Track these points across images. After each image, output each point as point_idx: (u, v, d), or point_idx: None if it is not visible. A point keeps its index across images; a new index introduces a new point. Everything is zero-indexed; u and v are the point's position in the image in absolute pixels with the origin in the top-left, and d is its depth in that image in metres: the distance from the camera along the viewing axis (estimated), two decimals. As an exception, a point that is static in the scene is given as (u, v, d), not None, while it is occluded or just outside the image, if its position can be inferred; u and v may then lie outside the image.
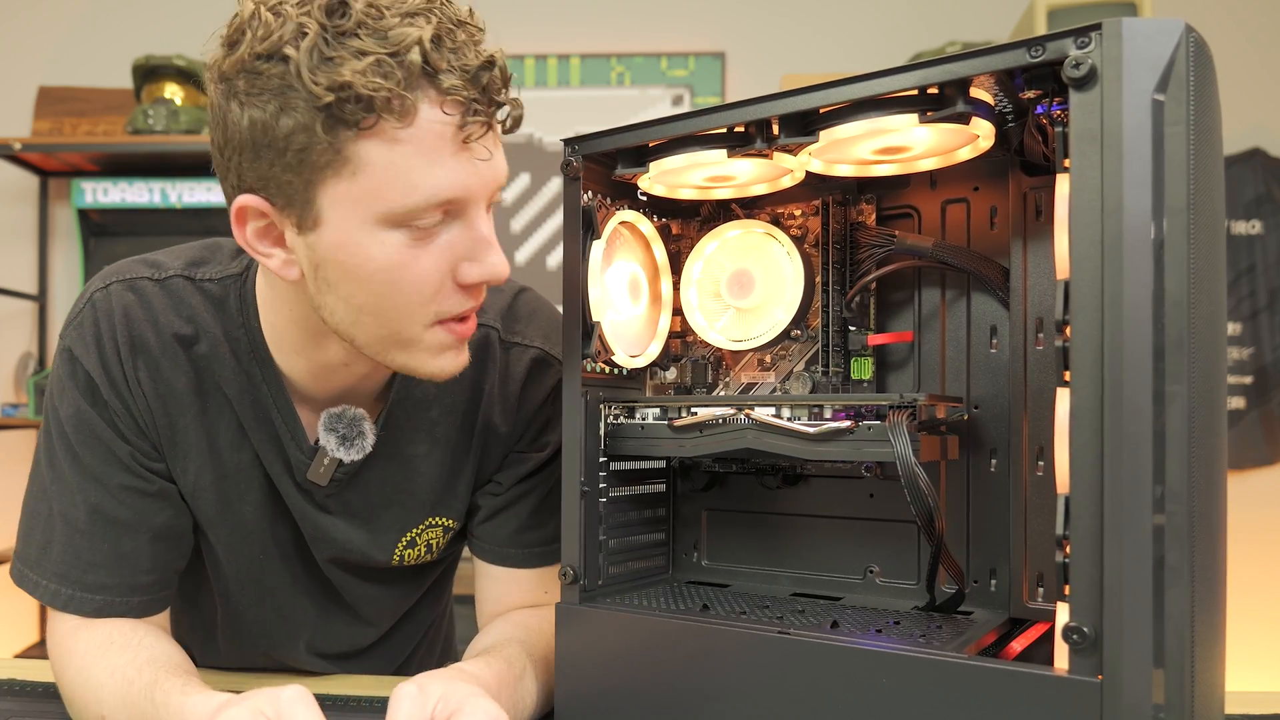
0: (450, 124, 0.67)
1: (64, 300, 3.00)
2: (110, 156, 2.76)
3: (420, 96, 0.65)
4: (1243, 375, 2.81)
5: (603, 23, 2.98)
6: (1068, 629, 0.57)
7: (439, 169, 0.67)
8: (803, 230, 0.86)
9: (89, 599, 0.83)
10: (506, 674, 0.79)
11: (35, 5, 3.05)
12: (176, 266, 0.86)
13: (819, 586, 0.87)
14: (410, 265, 0.70)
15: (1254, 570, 2.73)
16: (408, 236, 0.69)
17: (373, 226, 0.68)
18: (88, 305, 0.84)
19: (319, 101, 0.64)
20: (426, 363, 0.76)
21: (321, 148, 0.66)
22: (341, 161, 0.66)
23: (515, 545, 0.94)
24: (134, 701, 0.75)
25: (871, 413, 0.73)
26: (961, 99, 0.65)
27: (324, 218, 0.69)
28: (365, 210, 0.68)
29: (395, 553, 0.94)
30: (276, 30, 0.64)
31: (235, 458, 0.87)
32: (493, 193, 0.72)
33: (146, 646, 0.80)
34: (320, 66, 0.63)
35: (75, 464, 0.83)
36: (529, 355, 0.92)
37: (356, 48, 0.63)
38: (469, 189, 0.69)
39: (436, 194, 0.68)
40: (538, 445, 0.94)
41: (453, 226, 0.71)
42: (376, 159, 0.66)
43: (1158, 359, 0.56)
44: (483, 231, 0.72)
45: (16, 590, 0.85)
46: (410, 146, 0.66)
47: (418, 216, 0.68)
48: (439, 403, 0.90)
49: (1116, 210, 0.56)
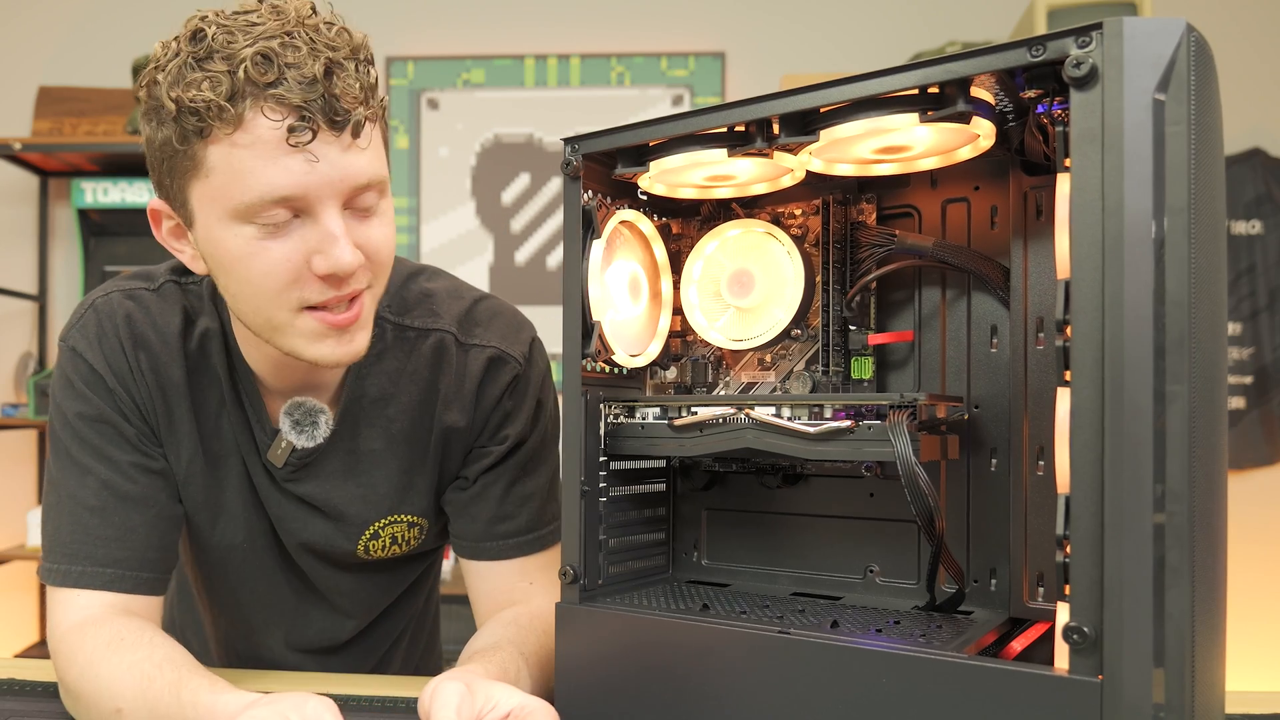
0: (279, 129, 0.73)
1: (64, 300, 3.00)
2: (110, 156, 2.76)
3: (249, 105, 0.73)
4: (1243, 375, 2.81)
5: (603, 23, 2.98)
6: (1068, 629, 0.57)
7: (271, 168, 0.74)
8: (803, 230, 0.86)
9: (100, 572, 0.87)
10: (503, 679, 0.80)
11: (35, 5, 3.05)
12: (165, 274, 0.94)
13: (819, 586, 0.87)
14: (260, 255, 0.77)
15: (1254, 570, 2.73)
16: (258, 230, 0.76)
17: (227, 221, 0.77)
18: (90, 309, 0.91)
19: (171, 114, 0.74)
20: (305, 348, 0.82)
21: (181, 155, 0.76)
22: (196, 165, 0.76)
23: (488, 538, 0.97)
24: (156, 696, 0.76)
25: (872, 412, 0.73)
26: (962, 98, 0.65)
27: (195, 216, 0.79)
28: (219, 207, 0.76)
29: (360, 543, 0.98)
30: (157, 58, 0.77)
31: (219, 444, 0.94)
32: (341, 193, 0.77)
33: (159, 645, 0.82)
34: (173, 86, 0.74)
35: (84, 448, 0.88)
36: (485, 354, 0.96)
37: (208, 68, 0.73)
38: (305, 187, 0.75)
39: (271, 191, 0.74)
40: (497, 439, 0.97)
41: (306, 223, 0.77)
42: (219, 161, 0.75)
43: (1158, 359, 0.56)
44: (329, 227, 0.77)
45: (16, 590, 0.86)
46: (245, 150, 0.74)
47: (259, 211, 0.75)
48: (395, 401, 0.95)
49: (1117, 210, 0.56)
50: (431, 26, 3.00)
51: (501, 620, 0.93)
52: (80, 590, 0.86)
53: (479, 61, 2.98)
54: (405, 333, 0.95)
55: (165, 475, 0.91)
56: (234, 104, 0.72)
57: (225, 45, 0.73)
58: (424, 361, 0.95)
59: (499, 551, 0.97)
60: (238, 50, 0.72)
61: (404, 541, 1.01)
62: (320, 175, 0.75)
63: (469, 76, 2.98)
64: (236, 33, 0.73)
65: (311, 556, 1.00)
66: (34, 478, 2.96)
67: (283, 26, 0.74)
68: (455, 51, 2.99)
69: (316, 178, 0.75)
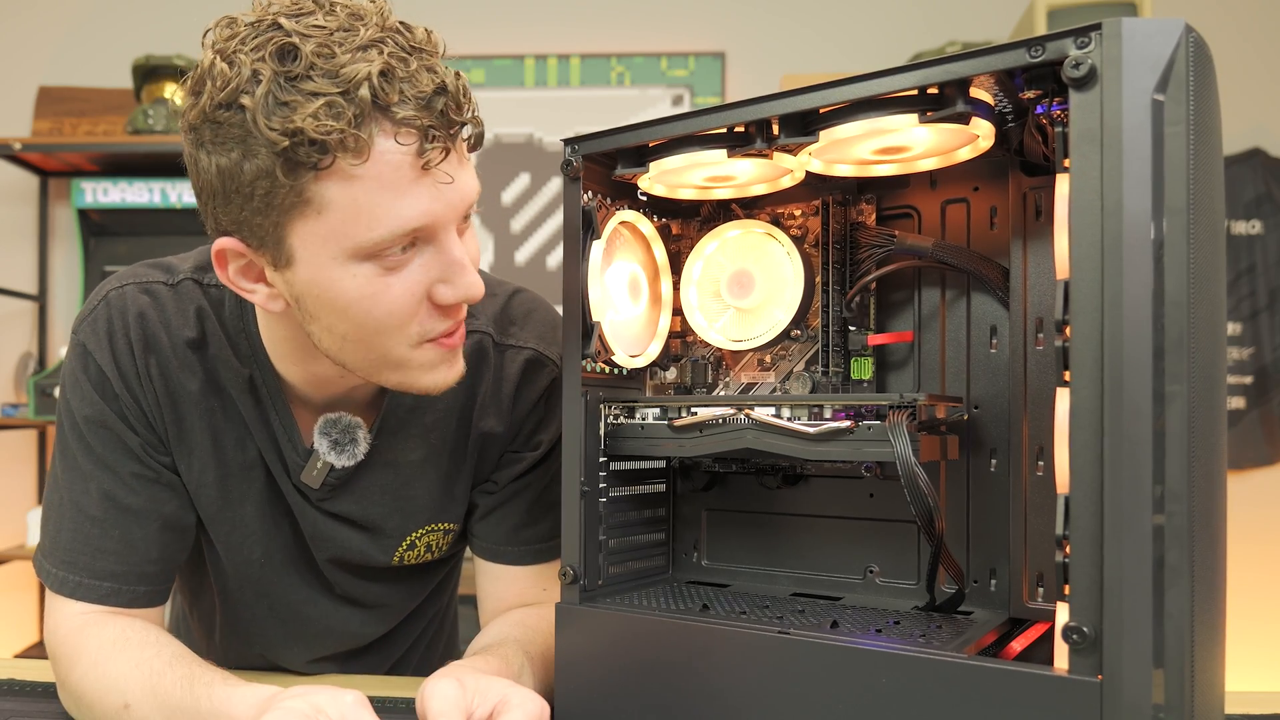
0: (408, 153, 0.67)
1: (64, 300, 3.00)
2: (110, 156, 2.76)
3: (375, 130, 0.66)
4: (1243, 375, 2.81)
5: (603, 23, 2.98)
6: (1068, 629, 0.57)
7: (401, 200, 0.68)
8: (803, 230, 0.86)
9: (96, 585, 0.84)
10: (504, 672, 0.79)
11: (35, 5, 3.05)
12: (186, 270, 0.88)
13: (819, 586, 0.87)
14: (383, 294, 0.71)
15: (1254, 570, 2.73)
16: (378, 267, 0.70)
17: (343, 261, 0.70)
18: (102, 303, 0.86)
19: (276, 147, 0.65)
20: (420, 379, 0.78)
21: (284, 191, 0.67)
22: (305, 202, 0.67)
23: (512, 543, 0.95)
24: (166, 692, 0.75)
25: (871, 413, 0.73)
26: (961, 99, 0.65)
27: (296, 256, 0.71)
28: (334, 247, 0.69)
29: (396, 554, 0.95)
30: (233, 79, 0.66)
31: (239, 456, 0.89)
32: (461, 214, 0.73)
33: (166, 644, 0.81)
34: (275, 112, 0.64)
35: (88, 454, 0.85)
36: (523, 356, 0.93)
37: (309, 90, 0.64)
38: (434, 215, 0.70)
39: (401, 225, 0.68)
40: (532, 444, 0.95)
41: (425, 251, 0.72)
42: (338, 197, 0.67)
43: (1158, 359, 0.56)
44: (455, 254, 0.72)
45: (16, 590, 0.86)
46: (370, 181, 0.67)
47: (385, 248, 0.69)
48: (433, 409, 0.91)
49: (1116, 210, 0.56)
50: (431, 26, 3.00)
51: (509, 619, 0.92)
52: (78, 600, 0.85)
53: (479, 61, 2.98)
54: None
55: (172, 485, 0.88)
56: (360, 129, 0.65)
57: (325, 59, 0.65)
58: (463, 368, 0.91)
59: (520, 557, 0.96)
60: (346, 66, 0.64)
61: (438, 548, 0.98)
62: (447, 199, 0.70)
63: (469, 76, 2.97)
64: (332, 46, 0.65)
65: (341, 569, 0.96)
66: (34, 478, 2.96)
67: (378, 34, 0.67)
68: (455, 51, 2.96)
69: (444, 203, 0.70)
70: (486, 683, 0.71)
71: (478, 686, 0.70)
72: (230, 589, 0.96)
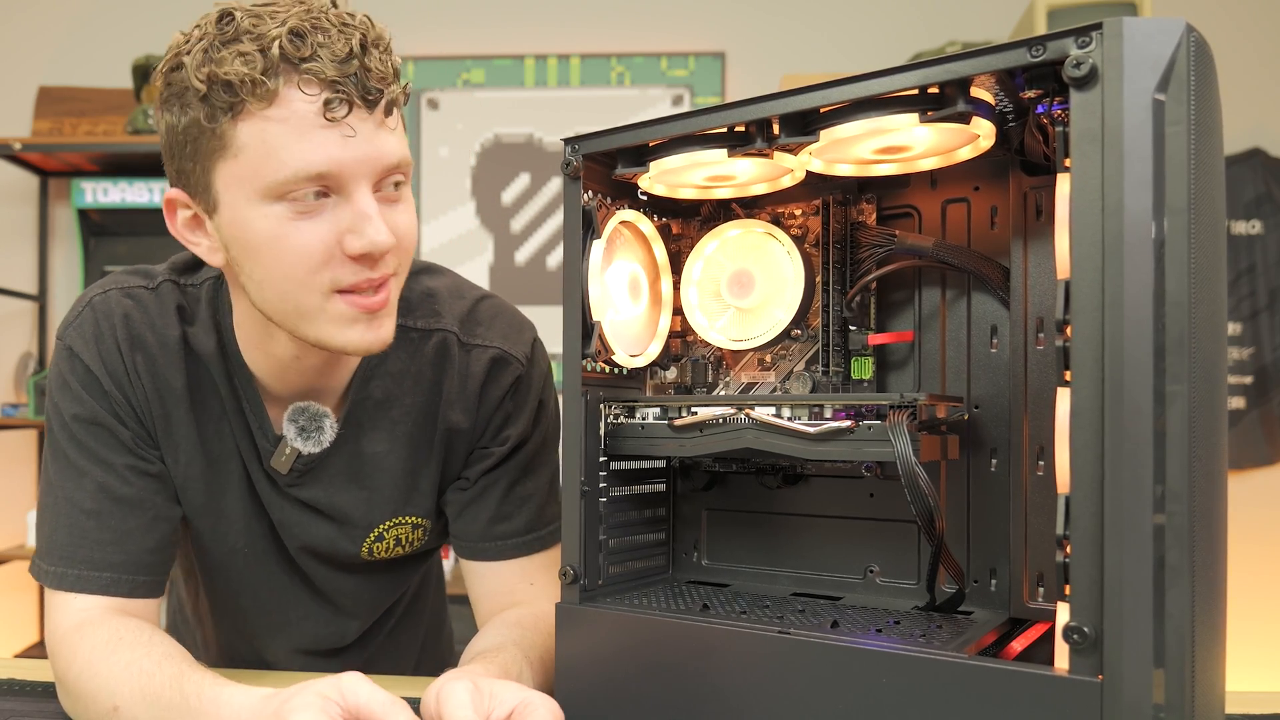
0: (314, 104, 0.73)
1: (64, 300, 3.00)
2: (110, 156, 2.76)
3: (283, 81, 0.73)
4: (1243, 375, 2.81)
5: (603, 23, 2.98)
6: (1068, 629, 0.57)
7: (305, 144, 0.74)
8: (803, 230, 0.86)
9: (96, 577, 0.86)
10: (504, 678, 0.79)
11: (35, 5, 3.05)
12: (164, 273, 0.93)
13: (819, 586, 0.87)
14: (292, 235, 0.76)
15: (1254, 570, 2.73)
16: (289, 210, 0.76)
17: (256, 201, 0.76)
18: (87, 308, 0.90)
19: (199, 93, 0.74)
20: (334, 335, 0.80)
21: (208, 136, 0.75)
22: (224, 145, 0.75)
23: (488, 538, 0.97)
24: (155, 692, 0.76)
25: (872, 412, 0.73)
26: (962, 98, 0.65)
27: (220, 199, 0.78)
28: (248, 187, 0.76)
29: (364, 545, 0.98)
30: (180, 45, 0.77)
31: (218, 447, 0.93)
32: (374, 171, 0.77)
33: (158, 644, 0.81)
34: (203, 66, 0.74)
35: (81, 450, 0.87)
36: (488, 355, 0.96)
37: (236, 49, 0.73)
38: (339, 163, 0.75)
39: (306, 167, 0.74)
40: (499, 440, 0.97)
41: (338, 203, 0.77)
42: (250, 139, 0.74)
43: (1158, 359, 0.56)
44: (363, 207, 0.77)
45: (16, 590, 0.86)
46: (278, 124, 0.74)
47: (291, 189, 0.75)
48: (399, 403, 0.95)
49: (1117, 210, 0.56)
50: (431, 26, 3.00)
51: (505, 621, 0.92)
52: (78, 594, 0.86)
53: (479, 61, 2.98)
54: (408, 333, 0.94)
55: (162, 478, 0.91)
56: (268, 78, 0.72)
57: (254, 26, 0.73)
58: (427, 362, 0.95)
59: (499, 552, 0.97)
60: (268, 30, 0.73)
61: (407, 543, 1.00)
62: (354, 151, 0.75)
63: (469, 76, 2.98)
64: (264, 16, 0.74)
65: (314, 559, 0.99)
66: (34, 478, 2.96)
67: (309, 12, 0.75)
68: (455, 51, 2.99)
69: (350, 154, 0.75)
70: (500, 686, 0.72)
71: (492, 690, 0.71)
72: (215, 582, 1.00)
